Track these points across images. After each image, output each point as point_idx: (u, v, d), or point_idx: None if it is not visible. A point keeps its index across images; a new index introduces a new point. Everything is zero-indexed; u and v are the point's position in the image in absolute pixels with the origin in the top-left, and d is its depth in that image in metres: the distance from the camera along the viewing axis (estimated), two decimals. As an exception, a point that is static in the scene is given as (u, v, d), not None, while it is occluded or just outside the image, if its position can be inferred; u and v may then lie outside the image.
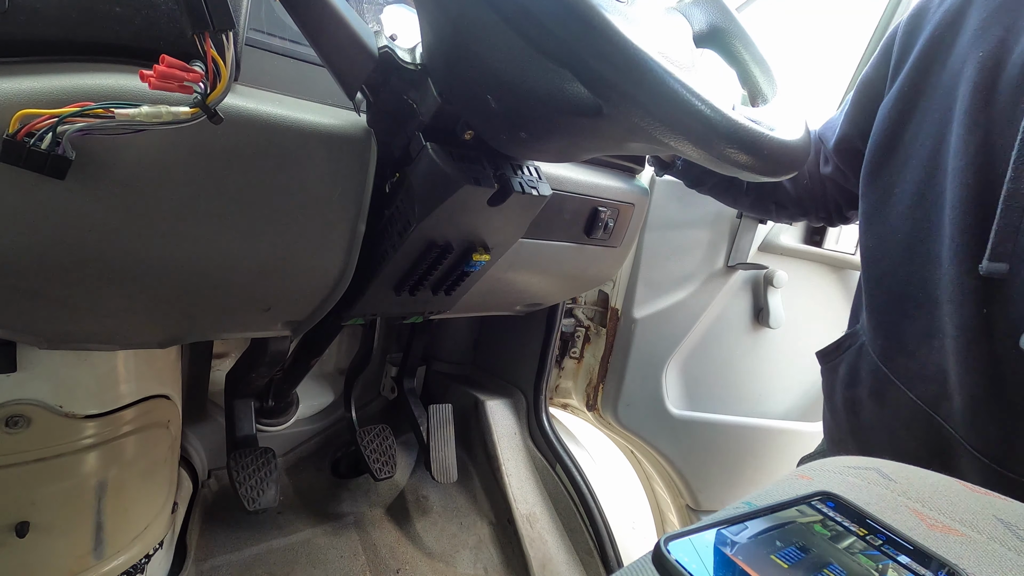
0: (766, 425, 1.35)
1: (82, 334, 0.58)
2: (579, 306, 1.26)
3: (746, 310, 1.29)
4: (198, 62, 0.37)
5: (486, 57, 0.42)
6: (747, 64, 0.55)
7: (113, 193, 0.43)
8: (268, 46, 0.51)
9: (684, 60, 0.47)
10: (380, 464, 1.12)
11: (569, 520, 1.17)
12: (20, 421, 0.65)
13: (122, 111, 0.37)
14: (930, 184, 0.59)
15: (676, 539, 0.28)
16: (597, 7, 0.33)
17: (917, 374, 0.61)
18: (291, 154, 0.49)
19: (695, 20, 0.53)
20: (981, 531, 0.31)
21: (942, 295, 0.56)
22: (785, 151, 0.40)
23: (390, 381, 1.35)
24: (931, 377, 0.59)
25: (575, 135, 0.47)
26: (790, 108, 0.50)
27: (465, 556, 1.14)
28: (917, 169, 0.61)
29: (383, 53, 0.47)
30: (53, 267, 0.45)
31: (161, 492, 0.84)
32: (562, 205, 0.75)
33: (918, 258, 0.59)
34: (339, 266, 0.59)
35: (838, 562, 0.27)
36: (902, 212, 0.62)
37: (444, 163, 0.49)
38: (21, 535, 0.66)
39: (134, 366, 0.75)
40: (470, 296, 0.71)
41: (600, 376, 1.22)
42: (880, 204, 0.65)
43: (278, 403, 1.22)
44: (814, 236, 1.30)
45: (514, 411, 1.29)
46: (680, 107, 0.35)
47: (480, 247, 0.60)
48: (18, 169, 0.36)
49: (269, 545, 1.05)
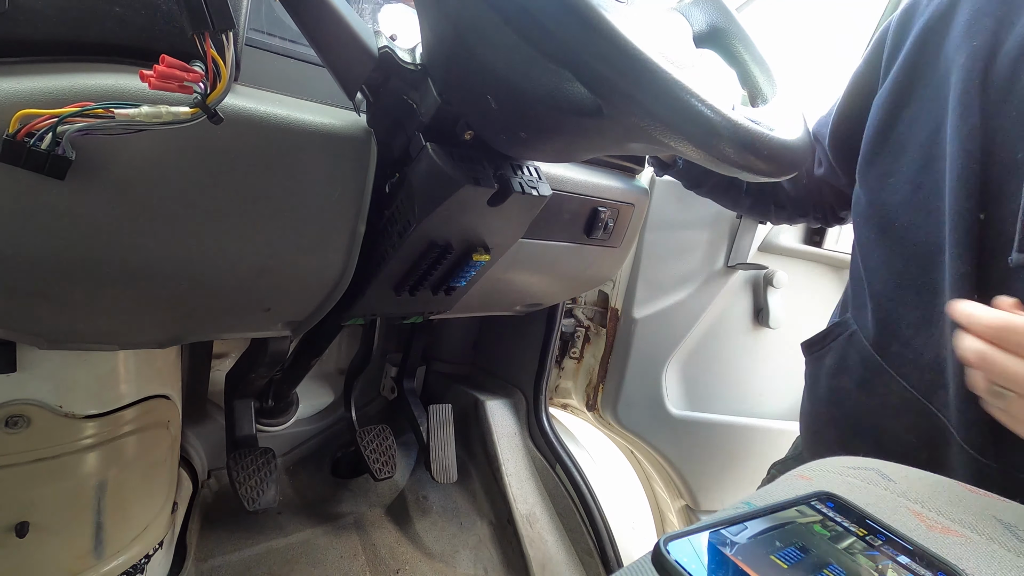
0: (766, 425, 1.35)
1: (82, 334, 0.58)
2: (579, 306, 1.26)
3: (746, 310, 1.29)
4: (198, 62, 0.37)
5: (486, 57, 0.42)
6: (747, 64, 0.55)
7: (113, 193, 0.43)
8: (268, 46, 0.51)
9: (684, 60, 0.47)
10: (380, 464, 1.12)
11: (569, 520, 1.17)
12: (20, 421, 0.65)
13: (122, 111, 0.37)
14: (927, 173, 0.59)
15: (676, 539, 0.28)
16: (597, 7, 0.33)
17: (912, 362, 0.60)
18: (291, 154, 0.49)
19: (695, 20, 0.53)
20: (981, 532, 0.31)
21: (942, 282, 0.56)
22: (785, 151, 0.40)
23: (390, 381, 1.35)
24: (927, 366, 0.59)
25: (575, 135, 0.47)
26: (790, 108, 0.50)
27: (465, 556, 1.14)
28: (914, 159, 0.61)
29: (383, 53, 0.47)
30: (53, 267, 0.45)
31: (161, 492, 0.84)
32: (562, 205, 0.75)
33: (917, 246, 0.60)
34: (339, 266, 0.59)
35: (838, 562, 0.27)
36: (899, 200, 0.62)
37: (444, 163, 0.49)
38: (21, 535, 0.66)
39: (134, 366, 0.75)
40: (470, 296, 0.71)
41: (600, 376, 1.22)
42: (875, 193, 0.65)
43: (278, 403, 1.22)
44: (814, 236, 1.30)
45: (514, 411, 1.29)
46: (680, 107, 0.35)
47: (480, 247, 0.60)
48: (18, 169, 0.36)
49: (269, 545, 1.05)
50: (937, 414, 0.58)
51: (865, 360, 0.66)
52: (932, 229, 0.58)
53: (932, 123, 0.59)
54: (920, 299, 0.59)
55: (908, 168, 0.61)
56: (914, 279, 0.60)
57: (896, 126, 0.63)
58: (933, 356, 0.58)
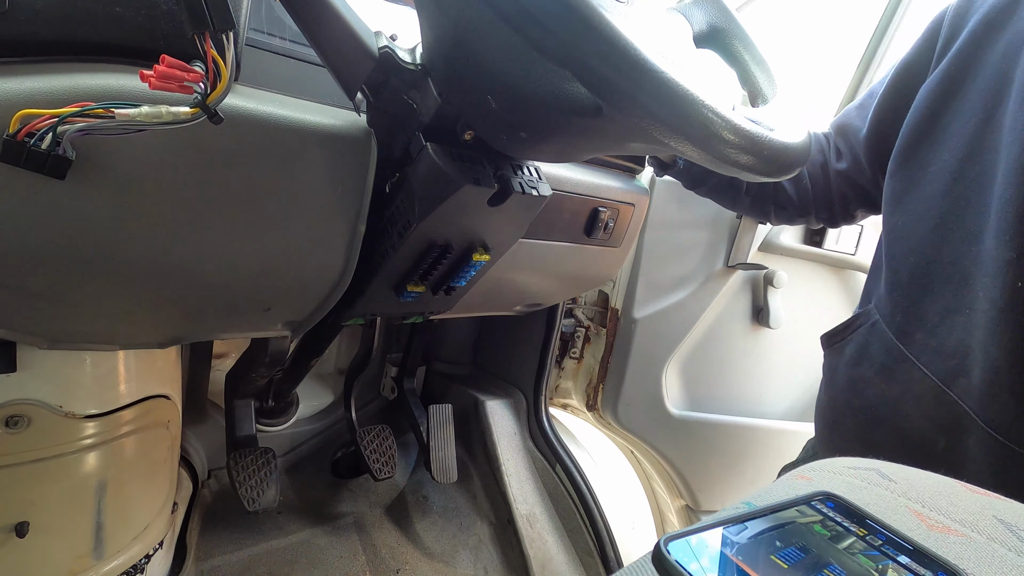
0: (766, 425, 1.35)
1: (82, 334, 0.58)
2: (579, 306, 1.26)
3: (746, 310, 1.29)
4: (198, 62, 0.37)
5: (486, 57, 0.42)
6: (747, 64, 0.55)
7: (113, 193, 0.43)
8: (268, 46, 0.51)
9: (684, 60, 0.47)
10: (380, 464, 1.12)
11: (569, 520, 1.17)
12: (20, 421, 0.65)
13: (122, 111, 0.37)
14: (972, 162, 0.59)
15: (676, 539, 0.28)
16: (597, 7, 0.33)
17: (936, 350, 0.61)
18: (291, 154, 0.49)
19: (695, 20, 0.53)
20: (981, 531, 0.31)
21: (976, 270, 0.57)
22: (785, 151, 0.40)
23: (390, 381, 1.35)
24: (950, 353, 0.59)
25: (575, 135, 0.47)
26: (790, 109, 0.50)
27: (465, 556, 1.14)
28: (958, 148, 0.61)
29: (383, 53, 0.47)
30: (53, 267, 0.45)
31: (161, 492, 0.84)
32: (562, 205, 0.75)
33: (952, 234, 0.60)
34: (339, 266, 0.59)
35: (838, 562, 0.27)
36: (937, 190, 0.62)
37: (444, 163, 0.49)
38: (21, 535, 0.66)
39: (134, 366, 0.75)
40: (470, 296, 0.71)
41: (600, 376, 1.22)
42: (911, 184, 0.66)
43: (278, 403, 1.22)
44: (814, 236, 1.30)
45: (514, 411, 1.29)
46: (680, 107, 0.35)
47: (480, 247, 0.60)
48: (18, 169, 0.36)
49: (269, 545, 1.05)
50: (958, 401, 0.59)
51: (888, 348, 0.66)
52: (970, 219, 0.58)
53: (983, 114, 0.59)
54: (949, 287, 0.60)
55: (951, 158, 0.61)
56: (944, 268, 0.61)
57: (943, 116, 0.63)
58: (957, 343, 0.59)
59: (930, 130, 0.65)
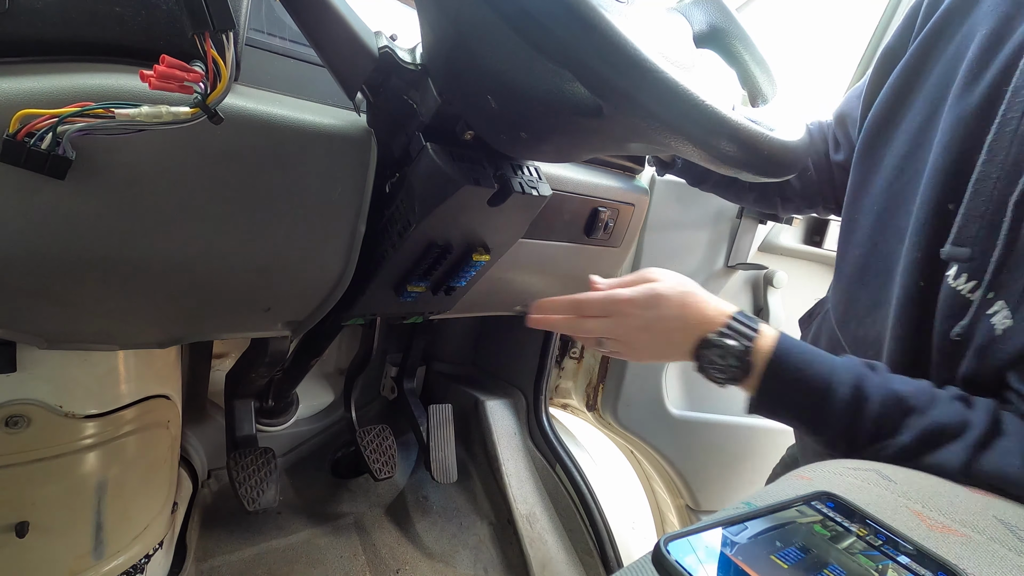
0: (766, 425, 1.35)
1: (82, 334, 0.58)
2: (579, 306, 1.26)
3: (746, 310, 1.28)
4: (198, 62, 0.37)
5: (486, 57, 0.42)
6: (747, 64, 0.55)
7: (113, 193, 0.43)
8: (268, 46, 0.51)
9: (684, 60, 0.47)
10: (380, 464, 1.12)
11: (569, 520, 1.17)
12: (20, 421, 0.65)
13: (122, 111, 0.37)
14: (911, 160, 0.59)
15: (676, 539, 0.28)
16: (597, 7, 0.33)
17: (861, 339, 0.63)
18: (291, 154, 0.49)
19: (695, 20, 0.53)
20: (981, 531, 0.31)
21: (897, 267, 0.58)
22: (785, 151, 0.40)
23: (390, 381, 1.35)
24: (870, 344, 0.61)
25: (575, 135, 0.47)
26: (790, 109, 0.50)
27: (465, 556, 1.14)
28: (904, 144, 0.60)
29: (383, 53, 0.47)
30: (53, 267, 0.45)
31: (161, 492, 0.84)
32: (562, 205, 0.75)
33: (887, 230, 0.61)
34: (339, 266, 0.59)
35: (838, 562, 0.27)
36: (881, 186, 0.62)
37: (444, 163, 0.49)
38: (21, 535, 0.66)
39: (134, 366, 0.75)
40: (470, 296, 0.71)
41: (600, 376, 1.22)
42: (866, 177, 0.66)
43: (278, 403, 1.22)
44: (814, 236, 1.30)
45: (514, 411, 1.29)
46: (680, 107, 0.35)
47: (480, 247, 0.60)
48: (18, 169, 0.36)
49: (269, 545, 1.05)
50: None
51: (831, 337, 0.69)
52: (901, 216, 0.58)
53: (929, 110, 0.58)
54: (877, 281, 0.61)
55: (897, 154, 0.61)
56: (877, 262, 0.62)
57: (900, 109, 0.62)
58: (876, 335, 0.61)
59: (887, 123, 0.63)
